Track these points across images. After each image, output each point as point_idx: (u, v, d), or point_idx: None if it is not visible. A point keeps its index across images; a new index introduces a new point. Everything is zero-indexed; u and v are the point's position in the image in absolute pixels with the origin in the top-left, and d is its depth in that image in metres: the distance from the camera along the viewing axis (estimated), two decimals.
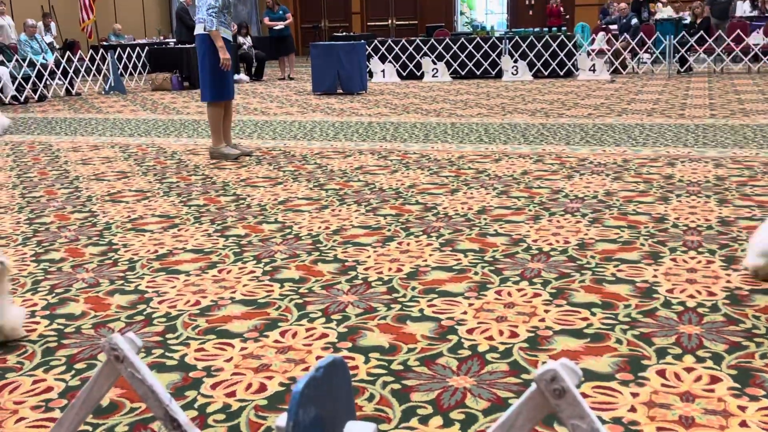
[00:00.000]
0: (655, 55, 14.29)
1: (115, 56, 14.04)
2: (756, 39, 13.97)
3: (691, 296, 2.95)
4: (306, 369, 2.44)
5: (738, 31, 14.03)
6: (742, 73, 12.85)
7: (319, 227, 4.17)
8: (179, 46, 14.45)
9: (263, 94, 12.58)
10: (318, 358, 2.52)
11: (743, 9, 17.47)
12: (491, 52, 14.08)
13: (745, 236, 3.71)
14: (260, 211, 4.58)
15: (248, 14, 22.70)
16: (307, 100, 11.37)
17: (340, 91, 11.97)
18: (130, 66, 15.40)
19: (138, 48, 15.69)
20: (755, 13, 16.76)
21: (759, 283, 3.06)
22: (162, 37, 19.31)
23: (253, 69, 15.50)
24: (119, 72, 13.97)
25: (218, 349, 2.61)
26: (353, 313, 2.91)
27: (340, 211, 4.53)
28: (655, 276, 3.20)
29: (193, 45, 13.54)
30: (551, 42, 13.70)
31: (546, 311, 2.86)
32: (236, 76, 6.38)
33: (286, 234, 4.06)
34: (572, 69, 13.70)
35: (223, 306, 3.03)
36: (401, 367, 2.43)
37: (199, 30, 6.22)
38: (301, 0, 24.98)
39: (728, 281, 3.09)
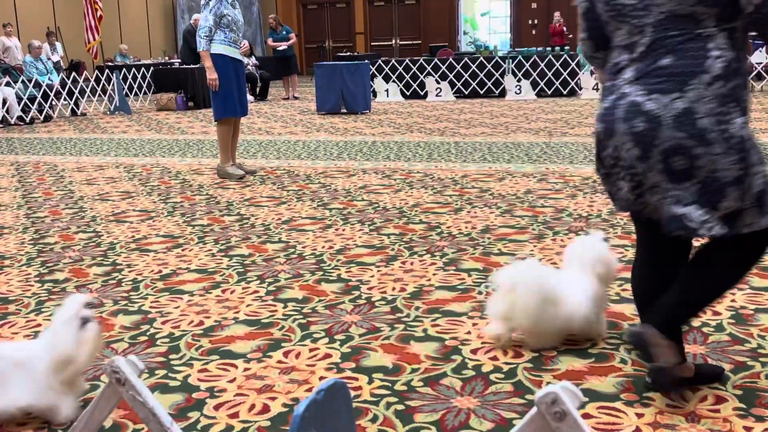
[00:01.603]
0: None
1: (120, 77, 14.14)
2: (759, 58, 14.02)
3: (697, 316, 2.93)
4: (309, 390, 2.43)
5: None
6: None
7: (323, 247, 4.17)
8: (184, 66, 14.55)
9: (267, 113, 12.63)
10: (321, 378, 2.52)
11: None
12: (495, 72, 14.14)
13: None
14: (264, 231, 4.59)
15: (252, 35, 22.87)
16: (311, 119, 11.42)
17: (344, 110, 12.02)
18: (135, 86, 15.51)
19: (143, 68, 15.81)
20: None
21: (764, 302, 3.05)
22: (167, 58, 19.45)
23: (258, 89, 15.59)
24: (124, 92, 14.06)
25: (221, 370, 2.61)
26: (357, 333, 2.90)
27: (343, 230, 4.54)
28: None
29: (197, 65, 13.68)
30: (554, 61, 13.76)
31: None
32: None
33: (290, 254, 4.06)
34: (575, 88, 13.74)
35: (227, 326, 3.03)
36: (405, 388, 2.42)
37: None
38: (306, 21, 25.17)
39: (733, 300, 3.08)
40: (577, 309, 2.59)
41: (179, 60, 16.99)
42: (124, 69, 15.36)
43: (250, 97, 15.17)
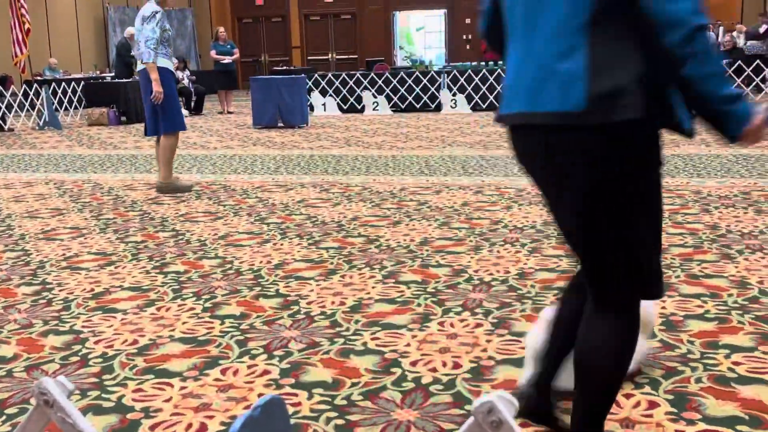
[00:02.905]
0: None
1: (50, 91, 13.75)
2: None
3: None
4: (248, 407, 2.39)
5: None
6: None
7: (261, 262, 4.13)
8: (116, 80, 14.25)
9: (203, 128, 12.48)
10: (260, 395, 2.48)
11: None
12: (430, 86, 14.30)
13: (678, 263, 3.82)
14: (200, 247, 4.51)
15: (186, 48, 22.58)
16: (248, 133, 11.32)
17: (281, 124, 11.96)
18: (66, 101, 15.10)
19: (73, 83, 15.42)
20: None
21: (693, 309, 3.15)
22: (98, 72, 19.03)
23: (193, 103, 15.38)
24: (54, 107, 13.68)
25: (157, 389, 2.55)
26: (296, 348, 2.87)
27: (282, 245, 4.50)
28: None
29: (130, 79, 13.42)
30: (489, 76, 13.99)
31: (488, 341, 2.88)
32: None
33: (227, 269, 4.00)
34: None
35: (162, 344, 2.96)
36: (345, 402, 2.40)
37: (143, 65, 6.20)
38: (241, 34, 24.99)
39: (663, 308, 3.17)
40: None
41: (111, 74, 16.65)
42: (53, 83, 14.95)
43: (184, 111, 14.96)
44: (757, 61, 13.18)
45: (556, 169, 1.74)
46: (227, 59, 15.33)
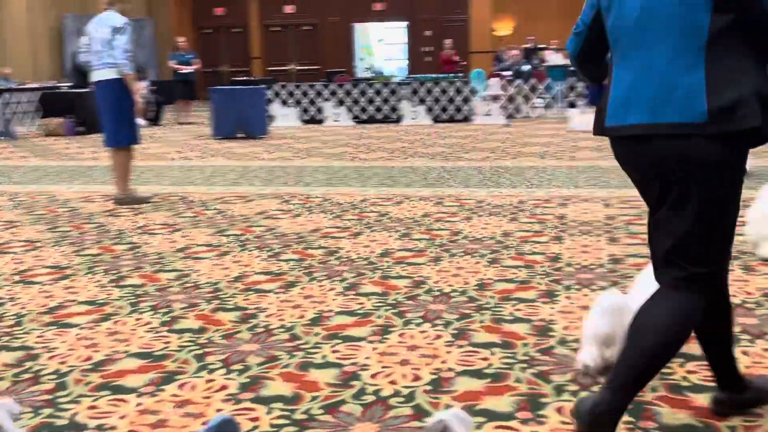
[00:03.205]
0: (547, 100, 14.93)
1: (4, 101, 13.46)
2: None
3: None
4: (205, 423, 2.36)
5: None
6: None
7: (220, 274, 4.09)
8: (74, 90, 14.02)
9: (162, 138, 12.34)
10: (218, 410, 2.45)
11: None
12: (391, 98, 14.35)
13: (633, 273, 3.88)
14: (158, 260, 4.45)
15: (146, 58, 22.32)
16: (207, 144, 11.22)
17: (241, 135, 11.88)
18: (21, 111, 14.80)
19: (29, 92, 15.12)
20: None
21: None
22: (55, 81, 18.69)
23: (149, 113, 15.19)
24: (7, 117, 13.39)
25: (112, 406, 2.50)
26: (255, 362, 2.85)
27: (241, 257, 4.46)
28: (551, 314, 3.30)
29: (88, 89, 13.20)
30: (449, 88, 14.11)
31: (448, 352, 2.89)
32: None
33: (185, 282, 3.96)
34: (469, 114, 14.11)
35: (118, 360, 2.91)
36: (305, 417, 2.39)
37: (111, 74, 6.12)
38: (201, 45, 24.79)
39: None
40: None
41: (69, 83, 16.38)
42: (7, 93, 14.64)
43: (143, 122, 14.79)
44: None
45: (676, 173, 1.97)
46: (187, 69, 15.21)
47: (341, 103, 14.44)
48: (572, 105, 13.56)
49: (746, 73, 1.89)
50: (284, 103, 14.65)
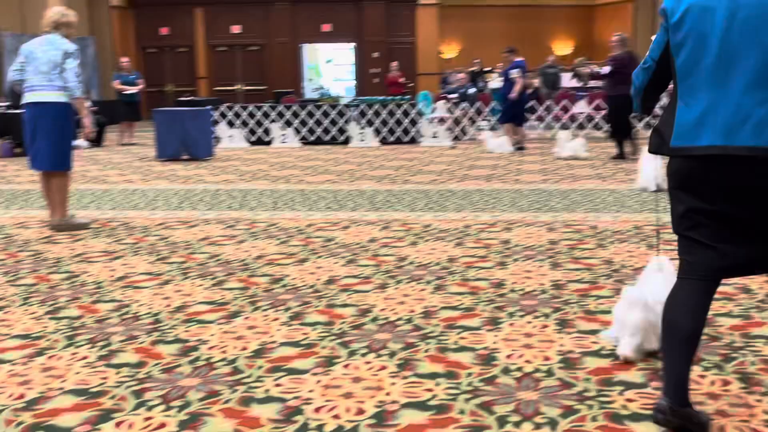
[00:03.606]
0: (492, 123, 15.13)
1: None
2: (580, 108, 15.18)
3: (528, 361, 3.07)
4: None
5: (565, 100, 15.20)
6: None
7: (161, 305, 4.00)
8: (11, 111, 13.65)
9: (103, 161, 12.09)
10: None
11: (568, 80, 18.96)
12: (339, 119, 14.37)
13: (576, 299, 3.94)
14: (96, 289, 4.34)
15: (88, 78, 21.90)
16: (151, 166, 11.04)
17: (186, 157, 11.72)
18: None
19: None
20: (579, 84, 18.20)
21: (588, 345, 3.24)
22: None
23: (93, 135, 14.89)
24: None
25: None
26: (195, 397, 2.78)
27: (183, 286, 4.38)
28: (495, 342, 3.31)
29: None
30: (396, 110, 14.19)
31: (392, 384, 2.88)
32: (74, 142, 6.30)
33: (124, 314, 3.86)
34: (416, 136, 14.21)
35: (52, 398, 2.81)
36: None
37: (60, 98, 6.02)
38: (146, 64, 24.46)
39: (561, 345, 3.25)
40: None
41: (6, 103, 15.94)
42: None
43: (84, 143, 14.47)
44: None
45: (745, 188, 2.34)
46: (131, 90, 14.98)
47: (289, 124, 14.39)
48: (493, 128, 13.78)
49: None
50: (231, 124, 14.53)
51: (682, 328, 2.40)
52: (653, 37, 2.52)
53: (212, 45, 24.59)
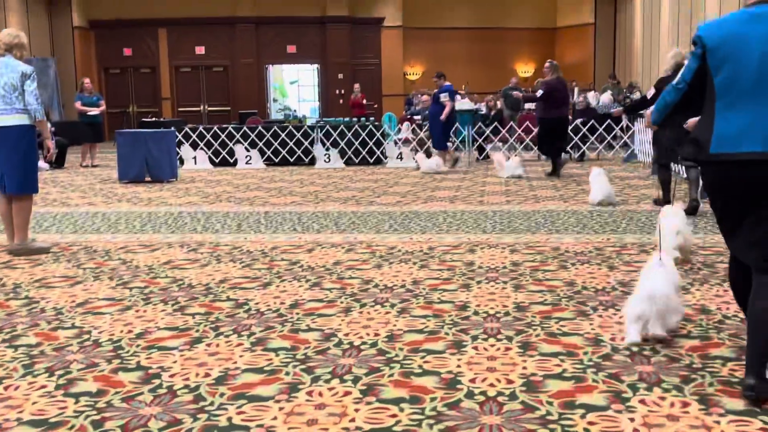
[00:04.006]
0: (456, 144, 15.26)
1: None
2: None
3: (492, 385, 3.09)
4: None
5: (527, 122, 15.40)
6: (533, 161, 14.02)
7: (122, 331, 3.94)
8: None
9: (64, 183, 11.92)
10: None
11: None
12: (304, 140, 14.37)
13: (538, 321, 3.97)
14: (55, 316, 4.26)
15: (49, 99, 21.63)
16: (113, 189, 10.91)
17: (149, 179, 11.61)
18: None
19: None
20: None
21: (551, 368, 3.27)
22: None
23: (54, 156, 14.68)
24: None
25: None
26: (156, 427, 2.75)
27: (145, 311, 4.32)
28: (458, 366, 3.32)
29: None
30: (361, 131, 14.24)
31: (356, 410, 2.87)
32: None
33: (84, 341, 3.79)
34: (381, 157, 14.27)
35: (9, 429, 2.75)
36: None
37: (22, 120, 5.95)
38: (108, 85, 24.25)
39: (524, 368, 3.28)
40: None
41: None
42: None
43: (44, 165, 14.26)
44: (609, 120, 14.13)
45: None
46: (93, 111, 14.82)
47: (253, 145, 14.35)
48: (428, 154, 13.88)
49: None
50: (195, 145, 14.44)
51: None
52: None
53: (176, 66, 24.48)
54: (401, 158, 13.88)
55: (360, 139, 14.23)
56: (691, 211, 7.19)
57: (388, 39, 24.97)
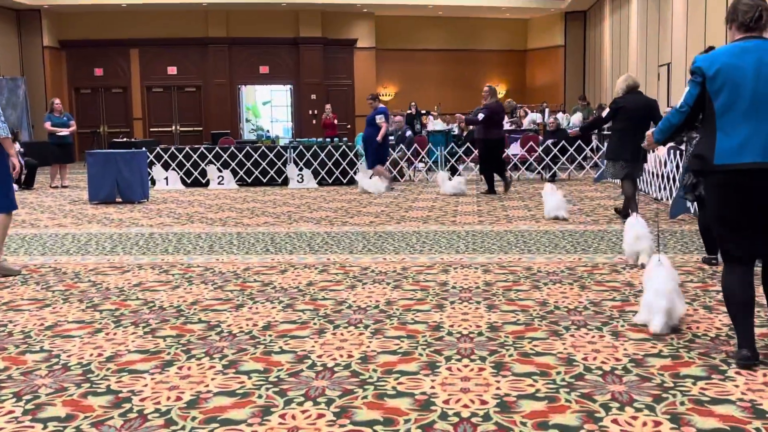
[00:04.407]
0: (428, 164, 15.34)
1: None
2: (514, 150, 15.52)
3: (466, 406, 3.09)
4: None
5: None
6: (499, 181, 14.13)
7: (92, 354, 3.88)
8: None
9: (33, 204, 11.76)
10: None
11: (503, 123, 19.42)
12: (277, 160, 14.35)
13: (511, 341, 3.99)
14: (23, 339, 4.19)
15: (18, 118, 21.38)
16: (83, 210, 10.79)
17: (120, 200, 11.51)
18: None
19: None
20: (513, 126, 18.67)
21: (524, 388, 3.28)
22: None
23: (23, 177, 14.48)
24: None
25: None
26: None
27: (115, 334, 4.27)
28: (432, 387, 3.32)
29: None
30: (334, 151, 14.27)
31: None
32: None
33: (53, 365, 3.73)
34: (354, 177, 14.28)
35: None
36: None
37: None
38: (78, 105, 24.04)
39: (498, 388, 3.28)
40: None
41: None
42: None
43: (14, 186, 14.03)
44: (579, 141, 14.30)
45: None
46: (64, 132, 14.67)
47: (226, 165, 14.29)
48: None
49: None
50: (166, 166, 14.35)
51: (741, 297, 3.47)
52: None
53: (148, 86, 24.37)
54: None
55: (333, 159, 14.25)
56: (623, 214, 8.28)
57: (361, 60, 25.11)
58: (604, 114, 8.76)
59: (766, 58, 3.44)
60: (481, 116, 11.73)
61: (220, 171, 14.20)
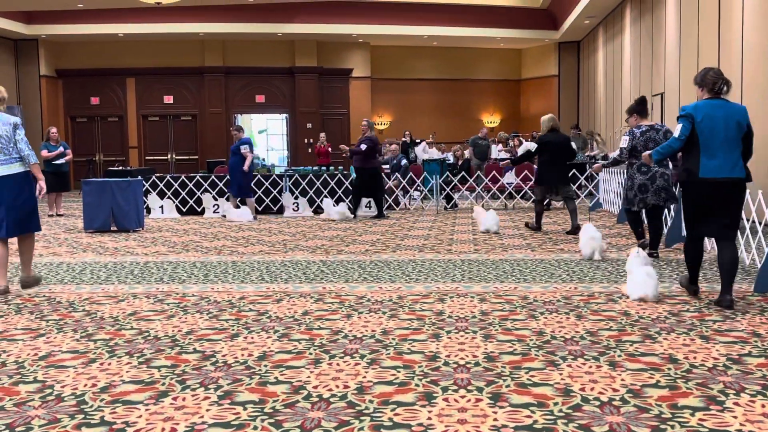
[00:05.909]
0: (424, 193, 15.39)
1: None
2: (509, 179, 15.59)
3: None
4: None
5: (494, 171, 15.61)
6: (499, 209, 14.18)
7: (86, 385, 3.85)
8: None
9: None
10: None
11: (497, 152, 19.54)
12: (272, 189, 14.37)
13: (508, 372, 3.97)
14: (17, 370, 4.15)
15: None
16: (78, 238, 10.76)
17: (115, 228, 11.49)
18: None
19: None
20: (508, 155, 18.75)
21: (521, 419, 3.26)
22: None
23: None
24: None
25: None
26: None
27: (109, 364, 4.23)
28: (429, 418, 3.30)
29: None
30: (329, 180, 14.30)
31: None
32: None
33: (47, 395, 3.70)
34: (350, 206, 14.29)
35: None
36: None
37: (21, 168, 6.48)
38: (74, 133, 24.11)
39: (495, 419, 3.26)
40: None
41: None
42: None
43: None
44: (573, 170, 14.35)
45: (734, 194, 5.35)
46: (60, 160, 14.68)
47: (222, 194, 14.30)
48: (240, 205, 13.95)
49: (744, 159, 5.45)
50: (162, 194, 14.35)
51: (697, 256, 5.70)
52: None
53: (144, 114, 24.46)
54: (369, 207, 13.93)
55: (329, 187, 14.28)
56: (574, 231, 9.82)
57: (356, 89, 25.29)
58: (532, 148, 10.82)
59: (729, 113, 5.33)
60: (363, 147, 12.75)
61: (216, 199, 14.20)
